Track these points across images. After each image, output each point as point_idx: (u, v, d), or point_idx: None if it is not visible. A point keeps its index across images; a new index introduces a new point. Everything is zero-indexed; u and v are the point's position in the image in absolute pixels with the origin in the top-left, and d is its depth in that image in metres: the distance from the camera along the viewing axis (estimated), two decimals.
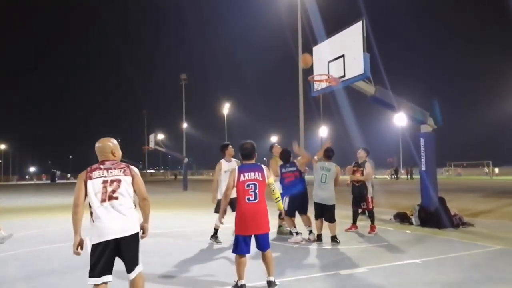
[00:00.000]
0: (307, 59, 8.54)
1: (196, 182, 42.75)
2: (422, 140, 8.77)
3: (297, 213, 7.01)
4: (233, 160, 6.98)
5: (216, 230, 6.95)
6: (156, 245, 6.72)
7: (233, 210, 6.84)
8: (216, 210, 6.95)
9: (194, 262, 5.63)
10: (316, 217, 6.92)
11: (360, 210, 8.30)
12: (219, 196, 6.72)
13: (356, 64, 7.54)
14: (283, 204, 5.37)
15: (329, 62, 8.27)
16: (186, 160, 27.72)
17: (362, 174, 7.80)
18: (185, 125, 32.18)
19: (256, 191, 4.04)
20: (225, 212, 4.69)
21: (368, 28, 7.53)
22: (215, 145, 7.38)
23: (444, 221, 8.13)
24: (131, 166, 3.34)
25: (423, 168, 8.78)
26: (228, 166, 6.88)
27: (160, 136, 43.53)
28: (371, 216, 7.82)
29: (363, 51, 7.39)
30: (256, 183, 4.06)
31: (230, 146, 7.14)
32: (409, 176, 46.63)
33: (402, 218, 9.16)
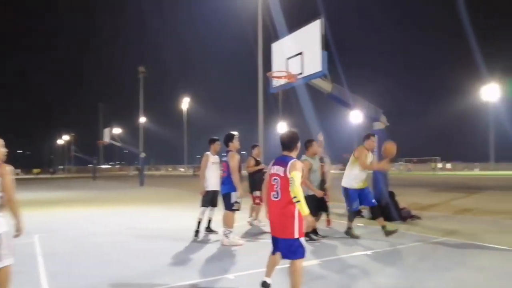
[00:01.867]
0: (390, 149, 6.95)
1: (153, 178, 42.00)
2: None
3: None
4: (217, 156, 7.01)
5: (199, 224, 6.91)
6: (111, 245, 6.57)
7: (212, 205, 7.02)
8: (203, 204, 7.01)
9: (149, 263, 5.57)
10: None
11: None
12: (211, 188, 6.88)
13: (314, 61, 7.70)
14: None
15: (288, 59, 8.39)
16: (142, 154, 27.14)
17: (323, 168, 7.65)
18: (142, 119, 31.46)
19: (278, 188, 3.53)
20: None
21: (326, 26, 7.71)
22: (174, 140, 7.30)
23: (393, 215, 8.51)
24: (4, 165, 3.35)
25: None
26: (214, 158, 6.94)
27: (117, 130, 42.31)
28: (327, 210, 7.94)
29: (321, 49, 7.56)
30: (278, 178, 3.55)
31: (218, 142, 7.04)
32: None
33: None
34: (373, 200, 6.86)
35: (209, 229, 7.34)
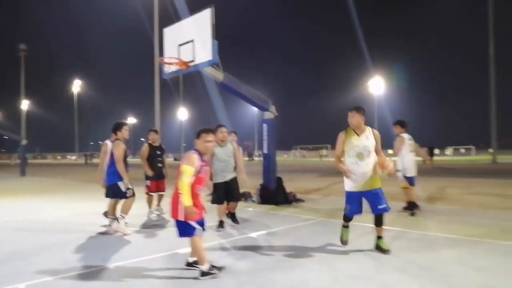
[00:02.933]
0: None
1: (39, 167, 38.33)
2: (264, 126, 9.56)
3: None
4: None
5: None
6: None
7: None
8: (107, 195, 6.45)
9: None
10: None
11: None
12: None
13: (205, 50, 7.75)
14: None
15: (180, 45, 8.31)
16: (24, 141, 24.58)
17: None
18: (24, 102, 28.41)
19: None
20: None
21: (222, 18, 7.81)
22: (64, 126, 6.61)
23: (281, 199, 9.08)
24: None
25: (265, 151, 9.62)
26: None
27: None
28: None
29: (212, 38, 7.64)
30: None
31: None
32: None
33: (246, 197, 9.89)
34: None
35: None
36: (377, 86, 51.32)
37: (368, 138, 4.83)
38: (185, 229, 3.99)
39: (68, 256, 4.95)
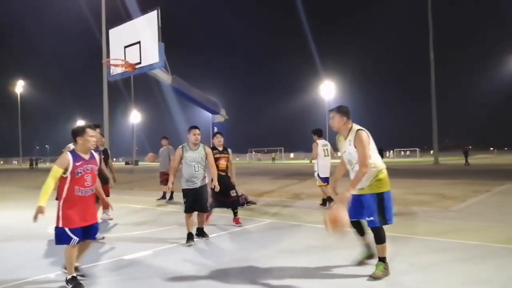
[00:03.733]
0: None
1: None
2: (215, 129, 9.52)
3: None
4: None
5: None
6: None
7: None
8: None
9: None
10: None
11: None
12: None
13: (151, 52, 7.63)
14: None
15: (125, 47, 8.12)
16: None
17: (228, 160, 6.91)
18: None
19: None
20: None
21: (169, 21, 7.70)
22: (6, 129, 6.15)
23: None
24: None
25: None
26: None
27: None
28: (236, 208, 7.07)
29: (158, 40, 7.53)
30: None
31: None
32: None
33: (246, 200, 9.71)
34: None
35: None
36: (327, 90, 52.70)
37: (350, 144, 3.99)
38: (61, 237, 3.77)
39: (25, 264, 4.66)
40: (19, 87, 58.83)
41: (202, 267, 4.51)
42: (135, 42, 7.90)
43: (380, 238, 3.88)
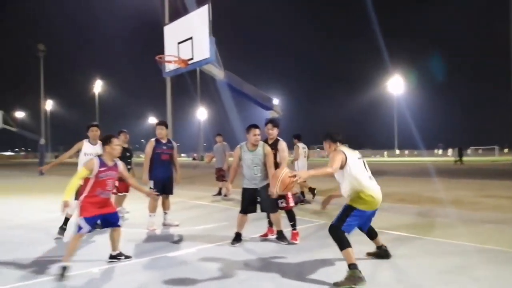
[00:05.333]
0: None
1: (59, 166, 38.92)
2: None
3: None
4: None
5: (66, 220, 6.02)
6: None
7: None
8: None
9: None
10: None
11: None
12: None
13: (203, 47, 7.58)
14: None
15: (179, 43, 8.17)
16: (42, 141, 25.04)
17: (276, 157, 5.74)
18: (44, 102, 29.01)
19: None
20: None
21: (223, 13, 7.62)
22: (82, 125, 6.44)
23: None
24: None
25: None
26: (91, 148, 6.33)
27: (21, 114, 38.49)
28: (291, 219, 5.64)
29: (210, 35, 7.46)
30: None
31: (95, 127, 6.34)
32: None
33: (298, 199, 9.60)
34: None
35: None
36: (396, 85, 50.24)
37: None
38: (78, 226, 4.16)
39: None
40: (97, 87, 63.24)
41: (243, 268, 4.32)
42: (188, 38, 7.92)
43: (337, 243, 3.90)
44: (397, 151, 62.72)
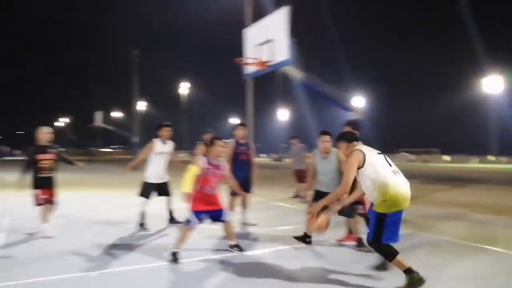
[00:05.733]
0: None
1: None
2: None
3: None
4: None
5: (142, 217, 6.52)
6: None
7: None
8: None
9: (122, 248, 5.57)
10: None
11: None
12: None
13: (282, 49, 7.61)
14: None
15: (258, 45, 8.29)
16: (135, 139, 27.16)
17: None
18: (137, 103, 31.41)
19: None
20: None
21: (304, 14, 7.61)
22: (174, 125, 6.82)
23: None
24: None
25: None
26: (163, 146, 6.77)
27: (118, 114, 42.21)
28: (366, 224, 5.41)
29: (288, 36, 7.47)
30: None
31: (168, 128, 6.75)
32: None
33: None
34: None
35: (174, 221, 6.92)
36: (493, 85, 45.81)
37: None
38: (188, 218, 4.67)
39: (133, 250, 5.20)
40: (184, 88, 66.71)
41: (318, 273, 4.24)
42: (267, 40, 8.01)
43: (383, 256, 3.83)
44: (491, 157, 56.91)
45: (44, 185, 5.78)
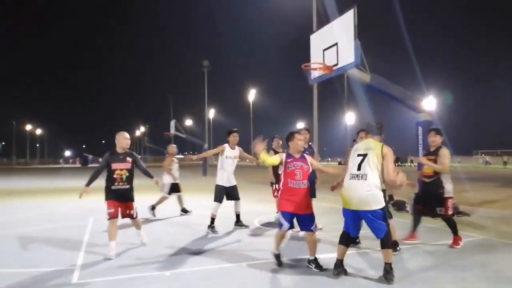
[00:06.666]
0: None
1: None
2: (419, 129, 8.71)
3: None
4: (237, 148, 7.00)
5: (212, 220, 6.79)
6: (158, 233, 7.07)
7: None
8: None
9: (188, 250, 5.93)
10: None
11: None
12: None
13: (347, 52, 7.55)
14: None
15: (324, 50, 8.30)
16: (205, 146, 28.19)
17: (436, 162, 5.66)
18: (207, 111, 32.57)
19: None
20: None
21: (372, 15, 7.52)
22: (240, 131, 7.10)
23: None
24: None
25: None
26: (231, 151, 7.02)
27: (188, 122, 44.21)
28: (452, 226, 5.62)
29: (354, 39, 7.38)
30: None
31: (235, 133, 6.99)
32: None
33: (399, 206, 9.15)
34: None
35: (240, 224, 7.19)
36: None
37: None
38: (279, 221, 4.64)
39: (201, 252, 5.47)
40: (251, 94, 67.90)
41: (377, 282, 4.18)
42: (333, 44, 7.99)
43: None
44: None
45: (117, 197, 5.25)
